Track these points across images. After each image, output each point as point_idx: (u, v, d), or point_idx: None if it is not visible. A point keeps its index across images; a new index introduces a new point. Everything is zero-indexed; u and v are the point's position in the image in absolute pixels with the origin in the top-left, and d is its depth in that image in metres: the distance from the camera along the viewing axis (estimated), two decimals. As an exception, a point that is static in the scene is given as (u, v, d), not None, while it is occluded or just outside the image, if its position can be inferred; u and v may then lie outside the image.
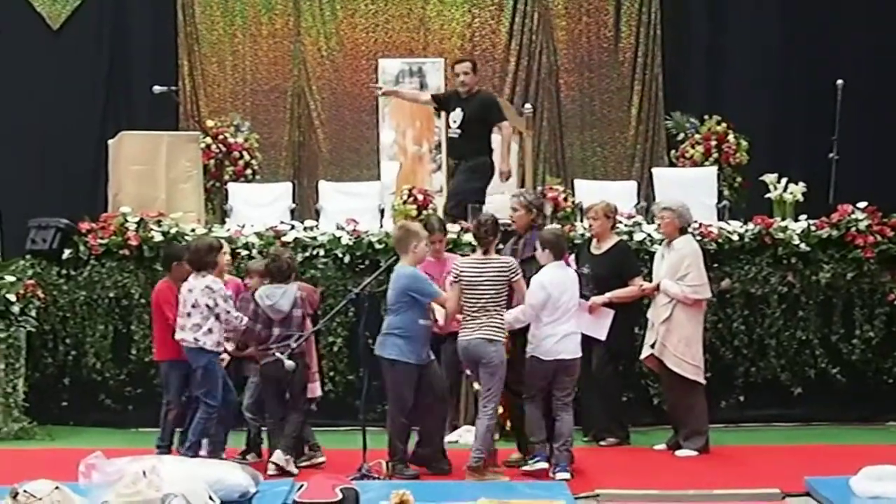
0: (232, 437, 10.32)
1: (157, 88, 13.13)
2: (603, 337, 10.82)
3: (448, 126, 13.06)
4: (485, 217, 10.06)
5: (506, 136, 13.10)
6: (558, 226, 11.74)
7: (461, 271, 9.67)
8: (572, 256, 11.19)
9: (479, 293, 9.59)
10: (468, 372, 10.22)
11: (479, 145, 12.90)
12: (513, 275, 9.66)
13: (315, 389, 10.39)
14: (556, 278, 9.84)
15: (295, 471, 9.73)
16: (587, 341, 10.60)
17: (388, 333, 9.64)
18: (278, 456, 9.75)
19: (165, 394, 10.29)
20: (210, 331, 9.77)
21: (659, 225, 11.13)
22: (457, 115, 12.88)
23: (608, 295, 10.90)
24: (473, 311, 9.59)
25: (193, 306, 9.78)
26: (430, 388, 9.75)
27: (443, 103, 13.35)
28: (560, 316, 9.77)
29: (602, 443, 10.97)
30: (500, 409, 10.13)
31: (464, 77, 12.97)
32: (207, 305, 9.75)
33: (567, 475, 9.48)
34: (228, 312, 9.81)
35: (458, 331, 9.74)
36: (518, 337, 9.87)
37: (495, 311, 9.59)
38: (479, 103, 12.99)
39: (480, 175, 12.97)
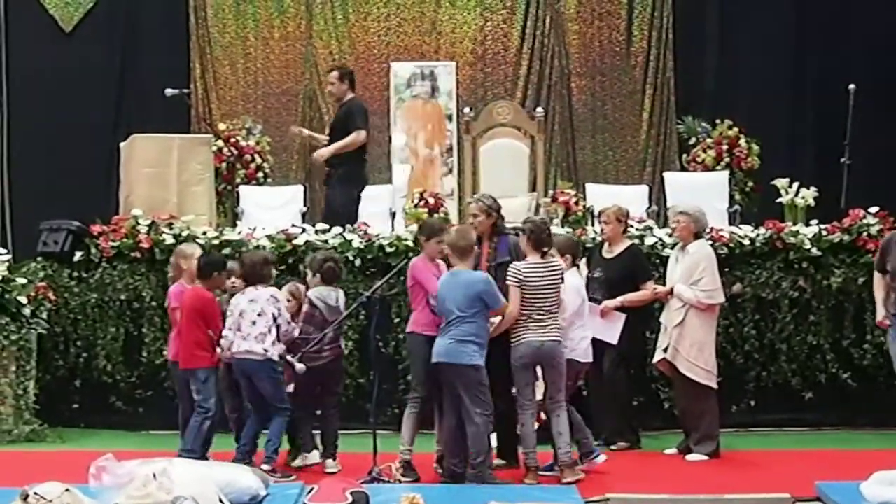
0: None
1: (169, 91, 13.15)
2: (615, 341, 10.83)
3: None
4: (541, 220, 10.13)
5: (352, 139, 13.19)
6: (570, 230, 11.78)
7: (525, 276, 9.67)
8: (583, 261, 11.24)
9: (543, 296, 9.67)
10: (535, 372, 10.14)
11: (347, 152, 13.01)
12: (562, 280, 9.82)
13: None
14: (580, 283, 10.27)
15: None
16: (598, 345, 10.64)
17: (465, 341, 9.37)
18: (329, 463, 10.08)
19: (203, 401, 9.95)
20: (274, 341, 9.84)
21: (674, 229, 11.10)
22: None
23: (620, 299, 10.90)
24: (539, 315, 9.66)
25: (259, 315, 9.80)
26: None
27: None
28: (587, 320, 10.19)
29: (613, 447, 10.96)
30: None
31: (330, 87, 13.13)
32: (273, 315, 9.82)
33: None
34: (288, 322, 9.94)
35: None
36: (495, 345, 9.82)
37: (556, 313, 9.74)
38: (344, 111, 13.21)
39: (355, 182, 13.36)
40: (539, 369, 9.82)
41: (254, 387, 9.86)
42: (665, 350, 10.78)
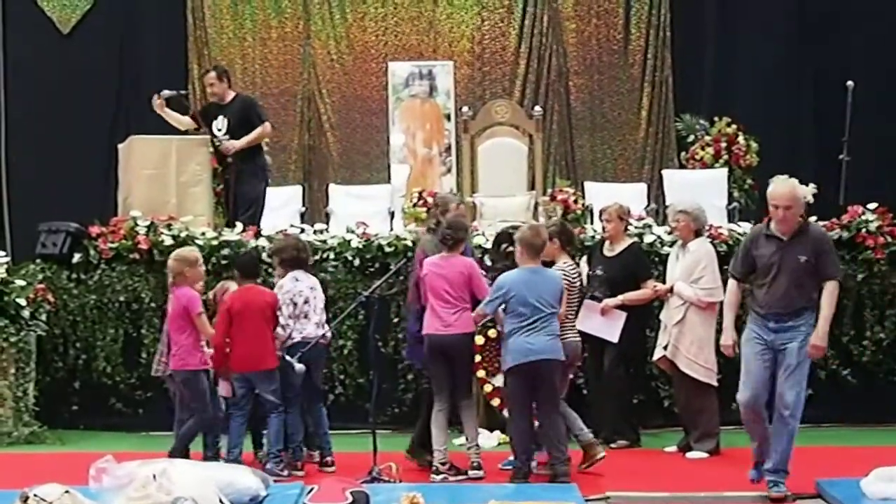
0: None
1: (166, 93, 13.14)
2: (615, 339, 10.83)
3: (213, 135, 13.02)
4: (560, 221, 10.23)
5: (261, 132, 13.15)
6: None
7: (572, 278, 10.02)
8: (583, 258, 11.25)
9: (574, 297, 10.06)
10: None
11: (253, 147, 13.05)
12: None
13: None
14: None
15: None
16: (598, 343, 10.65)
17: (557, 336, 9.42)
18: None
19: (244, 403, 9.97)
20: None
21: (674, 228, 11.09)
22: (220, 122, 13.02)
23: (621, 297, 10.89)
24: (568, 314, 9.88)
25: (318, 300, 10.04)
26: None
27: (205, 116, 13.26)
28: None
29: (613, 445, 10.95)
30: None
31: (210, 88, 13.12)
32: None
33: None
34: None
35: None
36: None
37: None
38: (240, 106, 13.18)
39: (261, 176, 13.26)
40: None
41: (311, 374, 9.89)
42: (665, 348, 10.78)
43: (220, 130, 12.94)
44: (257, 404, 10.01)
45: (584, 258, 11.32)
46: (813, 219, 9.71)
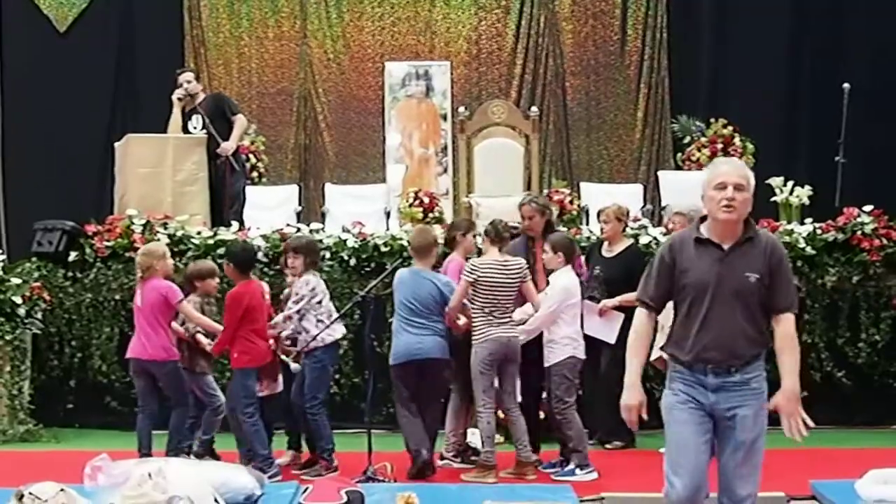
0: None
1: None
2: (613, 340, 10.82)
3: (187, 132, 13.05)
4: (500, 221, 10.16)
5: (243, 125, 13.39)
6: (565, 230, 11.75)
7: (481, 273, 9.82)
8: (582, 259, 11.25)
9: (501, 293, 9.80)
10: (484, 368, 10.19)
11: (227, 139, 13.07)
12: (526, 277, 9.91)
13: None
14: (573, 282, 10.09)
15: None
16: (595, 344, 10.65)
17: (442, 336, 9.87)
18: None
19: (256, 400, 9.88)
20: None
21: (670, 229, 11.08)
22: (196, 121, 13.11)
23: (619, 298, 10.87)
24: (500, 312, 9.77)
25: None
26: None
27: (184, 114, 13.30)
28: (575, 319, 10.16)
29: (608, 446, 10.95)
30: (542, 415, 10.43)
31: (187, 85, 13.10)
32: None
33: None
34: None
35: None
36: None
37: (512, 311, 9.89)
38: (212, 101, 13.37)
39: (241, 171, 13.36)
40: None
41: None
42: (662, 348, 10.76)
43: (195, 129, 12.97)
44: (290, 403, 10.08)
45: (583, 258, 11.32)
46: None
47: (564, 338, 9.93)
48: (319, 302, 9.85)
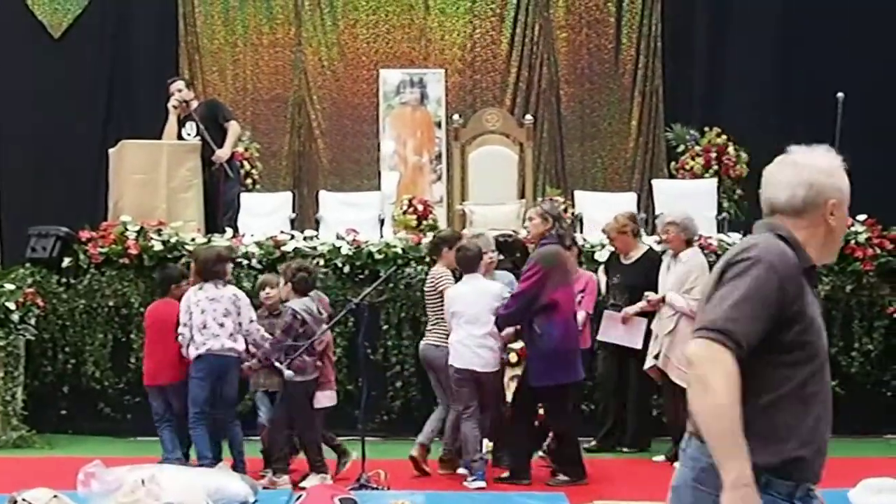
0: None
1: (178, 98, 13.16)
2: (639, 345, 10.89)
3: (181, 139, 13.06)
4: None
5: (237, 131, 13.36)
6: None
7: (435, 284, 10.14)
8: (601, 268, 11.32)
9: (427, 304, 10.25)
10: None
11: (221, 146, 13.04)
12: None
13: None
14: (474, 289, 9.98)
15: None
16: (624, 351, 10.90)
17: None
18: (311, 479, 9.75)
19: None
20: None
21: (664, 240, 11.08)
22: (189, 128, 13.09)
23: (638, 305, 10.88)
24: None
25: (225, 315, 9.76)
26: None
27: (178, 121, 13.26)
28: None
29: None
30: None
31: (178, 94, 13.09)
32: (239, 314, 9.82)
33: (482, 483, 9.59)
34: (252, 322, 9.89)
35: None
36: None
37: (438, 321, 10.09)
38: (205, 107, 13.35)
39: (236, 178, 13.35)
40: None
41: (221, 387, 9.80)
42: (656, 357, 10.79)
43: (189, 134, 12.98)
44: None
45: (602, 268, 11.38)
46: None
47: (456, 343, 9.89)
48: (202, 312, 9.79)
